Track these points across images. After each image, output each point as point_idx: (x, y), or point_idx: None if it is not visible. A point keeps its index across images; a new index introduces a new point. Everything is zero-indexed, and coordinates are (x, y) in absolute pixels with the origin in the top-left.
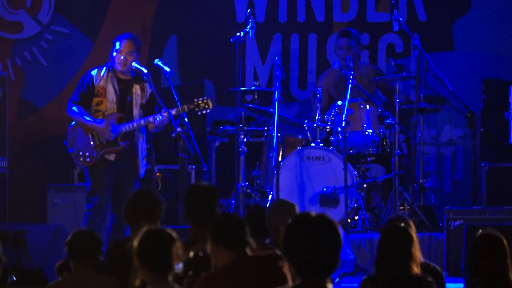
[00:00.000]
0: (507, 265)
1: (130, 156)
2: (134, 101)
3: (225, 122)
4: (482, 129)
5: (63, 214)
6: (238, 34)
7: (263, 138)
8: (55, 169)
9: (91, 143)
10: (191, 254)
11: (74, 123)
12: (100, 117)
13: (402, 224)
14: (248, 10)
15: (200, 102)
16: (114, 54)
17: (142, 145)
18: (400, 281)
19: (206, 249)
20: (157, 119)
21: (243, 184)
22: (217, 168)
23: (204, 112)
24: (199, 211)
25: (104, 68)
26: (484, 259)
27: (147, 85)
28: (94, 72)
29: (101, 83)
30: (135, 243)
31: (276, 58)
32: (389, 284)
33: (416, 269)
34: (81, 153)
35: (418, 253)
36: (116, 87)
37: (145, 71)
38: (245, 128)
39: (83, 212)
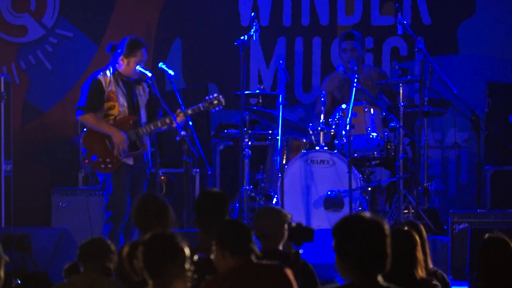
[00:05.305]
0: None
1: (143, 158)
2: (139, 102)
3: (229, 126)
4: (486, 132)
5: (67, 217)
6: (242, 37)
7: (268, 142)
8: (59, 173)
9: (111, 149)
10: (196, 257)
11: (87, 130)
12: (112, 121)
13: (406, 228)
14: (253, 14)
15: (214, 100)
16: (132, 63)
17: (150, 145)
18: (404, 285)
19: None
20: (177, 121)
21: (247, 187)
22: (222, 171)
23: (217, 109)
24: (209, 217)
25: (108, 71)
26: (490, 263)
27: (145, 85)
28: (101, 76)
29: (111, 87)
30: (140, 247)
31: (281, 61)
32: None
33: (421, 273)
34: (101, 159)
35: (427, 258)
36: (124, 90)
37: (149, 74)
38: (250, 131)
39: (87, 216)
